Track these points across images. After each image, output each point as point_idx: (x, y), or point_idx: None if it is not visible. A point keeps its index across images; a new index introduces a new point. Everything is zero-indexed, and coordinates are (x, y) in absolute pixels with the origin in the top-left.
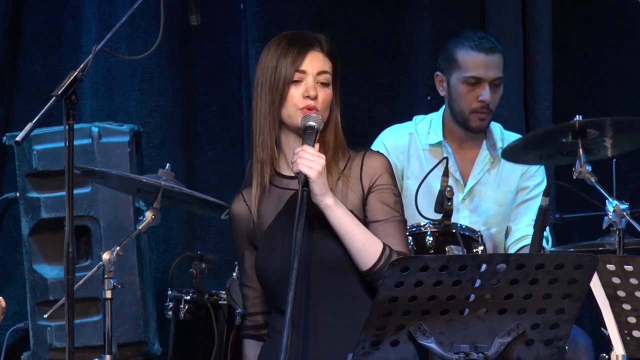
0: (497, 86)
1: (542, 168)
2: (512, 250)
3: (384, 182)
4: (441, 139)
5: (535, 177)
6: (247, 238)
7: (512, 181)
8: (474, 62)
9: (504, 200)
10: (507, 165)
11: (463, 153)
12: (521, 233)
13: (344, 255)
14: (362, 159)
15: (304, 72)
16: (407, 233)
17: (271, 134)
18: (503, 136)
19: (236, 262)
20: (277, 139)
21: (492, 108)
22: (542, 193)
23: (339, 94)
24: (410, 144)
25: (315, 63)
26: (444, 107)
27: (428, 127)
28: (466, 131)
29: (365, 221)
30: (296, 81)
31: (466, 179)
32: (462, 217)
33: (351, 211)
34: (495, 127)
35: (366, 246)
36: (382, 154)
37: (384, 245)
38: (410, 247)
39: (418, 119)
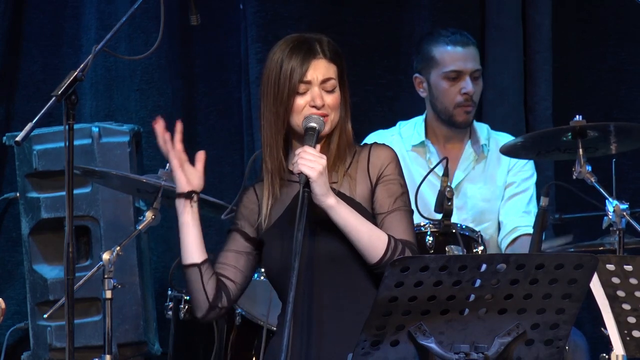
0: (477, 79)
1: (531, 162)
2: (504, 244)
3: (390, 173)
4: (423, 138)
5: (524, 172)
6: (247, 224)
7: (498, 177)
8: (452, 56)
9: (491, 196)
10: (492, 161)
11: (447, 151)
12: (511, 225)
13: (347, 248)
14: (369, 152)
15: (308, 82)
16: None
17: (278, 145)
18: (489, 135)
19: None
20: (290, 144)
21: (475, 100)
22: (532, 186)
23: (348, 93)
24: (394, 145)
25: (319, 71)
26: (426, 111)
27: (412, 129)
28: (451, 128)
29: (373, 213)
30: (302, 91)
31: (451, 178)
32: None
33: (359, 204)
34: (482, 127)
35: (372, 240)
36: (388, 146)
37: (389, 236)
38: None
39: (402, 124)
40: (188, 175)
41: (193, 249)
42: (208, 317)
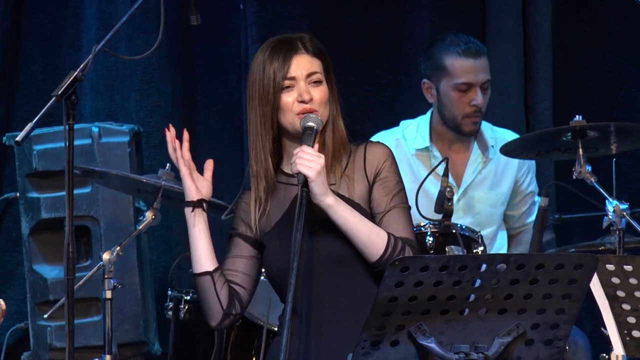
0: (486, 89)
1: (534, 176)
2: (510, 233)
3: (386, 171)
4: (428, 144)
5: (531, 184)
6: (247, 228)
7: (505, 184)
8: (464, 67)
9: (497, 202)
10: (500, 166)
11: (453, 155)
12: (521, 222)
13: (347, 248)
14: (365, 150)
15: (293, 78)
16: None
17: (265, 146)
18: (495, 134)
19: None
20: (282, 144)
21: (484, 111)
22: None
23: (336, 89)
24: (397, 150)
25: (302, 66)
26: (430, 110)
27: (415, 131)
28: (457, 135)
29: (371, 212)
30: (288, 87)
31: (460, 181)
32: (455, 218)
33: (358, 204)
34: (486, 127)
35: (371, 238)
36: (383, 143)
37: (388, 234)
38: None
39: (405, 124)
40: (197, 183)
41: (205, 257)
42: (222, 325)
